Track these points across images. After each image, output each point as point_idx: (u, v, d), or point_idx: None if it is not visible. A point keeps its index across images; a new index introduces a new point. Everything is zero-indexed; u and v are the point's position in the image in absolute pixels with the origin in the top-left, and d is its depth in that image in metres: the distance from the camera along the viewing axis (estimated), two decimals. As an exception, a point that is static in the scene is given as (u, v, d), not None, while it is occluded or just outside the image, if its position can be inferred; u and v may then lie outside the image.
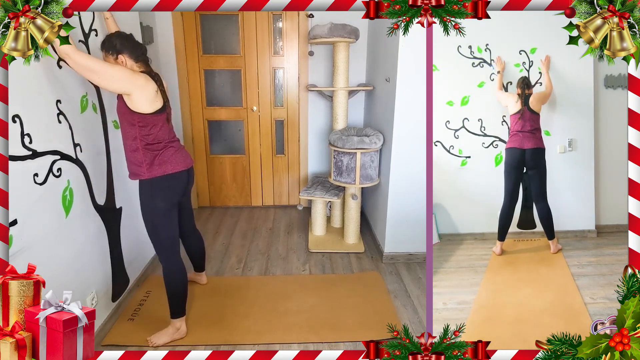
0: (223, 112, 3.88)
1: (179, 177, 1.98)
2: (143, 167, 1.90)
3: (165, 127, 1.92)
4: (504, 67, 2.60)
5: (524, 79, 2.52)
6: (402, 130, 2.69)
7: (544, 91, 2.55)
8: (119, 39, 1.83)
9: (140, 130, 1.85)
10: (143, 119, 1.83)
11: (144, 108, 1.81)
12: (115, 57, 1.82)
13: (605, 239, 2.72)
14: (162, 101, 1.88)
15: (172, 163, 1.94)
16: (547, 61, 2.57)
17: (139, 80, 1.78)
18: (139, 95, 1.78)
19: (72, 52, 1.62)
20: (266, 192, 4.13)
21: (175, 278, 2.05)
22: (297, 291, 2.56)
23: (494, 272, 2.41)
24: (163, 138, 1.91)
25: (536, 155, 2.48)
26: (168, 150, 1.93)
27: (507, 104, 2.55)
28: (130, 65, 1.83)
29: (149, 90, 1.80)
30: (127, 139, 1.90)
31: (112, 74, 1.72)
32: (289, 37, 3.66)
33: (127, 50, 1.82)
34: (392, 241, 2.94)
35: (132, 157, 1.91)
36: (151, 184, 1.93)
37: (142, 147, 1.87)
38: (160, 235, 2.01)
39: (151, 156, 1.89)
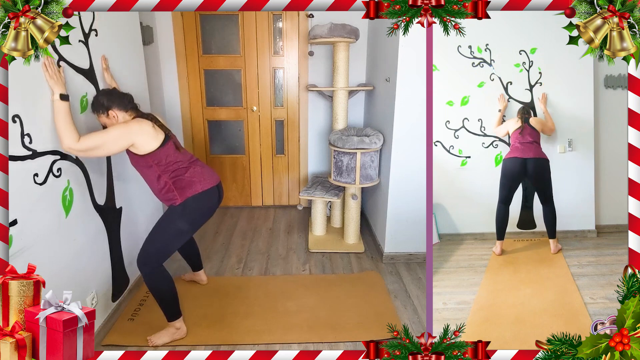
0: (223, 112, 3.88)
1: (211, 194, 2.02)
2: (175, 192, 1.96)
3: (179, 154, 1.98)
4: (506, 106, 2.63)
5: (523, 108, 2.56)
6: (402, 130, 2.69)
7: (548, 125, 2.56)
8: (104, 96, 1.90)
9: (159, 167, 1.93)
10: (156, 156, 1.90)
11: (151, 146, 1.88)
12: (106, 114, 1.89)
13: (605, 239, 2.72)
14: (164, 133, 1.94)
15: (201, 182, 2.00)
16: (544, 99, 2.58)
17: (133, 127, 1.85)
18: (140, 139, 1.85)
19: (73, 146, 1.70)
20: (266, 192, 4.13)
21: (159, 283, 2.00)
22: (297, 291, 2.56)
23: (493, 272, 2.41)
24: (182, 161, 1.98)
25: (538, 165, 2.45)
26: (193, 170, 2.00)
27: (508, 129, 2.56)
28: (122, 117, 1.91)
29: (146, 130, 1.87)
30: (153, 182, 1.98)
31: (110, 140, 1.80)
32: (289, 37, 3.66)
33: (114, 104, 1.89)
34: (392, 241, 2.94)
35: (163, 191, 1.98)
36: (183, 206, 1.96)
37: (169, 179, 1.96)
38: (159, 248, 1.99)
39: (179, 181, 1.96)
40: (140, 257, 1.98)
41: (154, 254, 1.98)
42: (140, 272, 2.00)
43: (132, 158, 1.95)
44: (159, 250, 1.99)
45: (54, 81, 1.67)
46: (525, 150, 2.46)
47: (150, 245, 1.98)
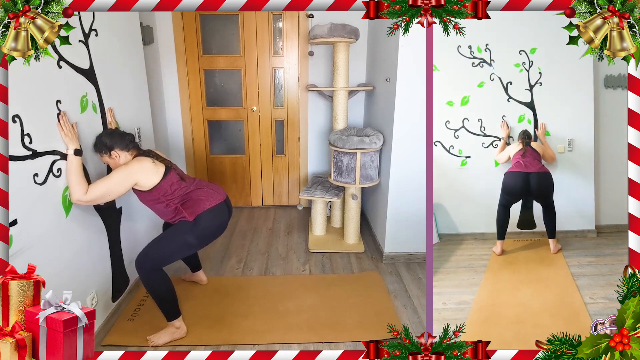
0: (223, 112, 3.88)
1: (220, 209, 2.07)
2: (184, 213, 2.01)
3: (183, 182, 2.04)
4: (508, 133, 2.64)
5: (524, 132, 2.58)
6: (402, 130, 2.69)
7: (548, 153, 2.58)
8: (107, 137, 1.99)
9: (167, 198, 2.00)
10: (160, 189, 1.97)
11: (153, 181, 1.96)
12: (108, 154, 1.98)
13: (605, 239, 2.72)
14: (164, 165, 2.02)
15: (209, 200, 2.05)
16: (543, 130, 2.59)
17: (134, 167, 1.93)
18: (142, 177, 1.94)
19: (82, 198, 1.80)
20: (266, 192, 4.13)
21: (157, 283, 1.99)
22: (297, 291, 2.56)
23: (493, 272, 2.41)
24: (188, 189, 2.05)
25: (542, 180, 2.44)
26: (199, 190, 2.06)
27: (510, 154, 2.57)
28: (124, 156, 1.99)
29: (146, 167, 1.95)
30: (163, 213, 2.06)
31: (114, 185, 1.89)
32: (289, 37, 3.66)
33: (116, 144, 1.98)
34: (392, 241, 2.94)
35: (175, 215, 2.04)
36: (195, 221, 2.00)
37: (178, 205, 2.02)
38: (162, 255, 2.00)
39: (187, 203, 2.02)
40: (140, 258, 1.98)
41: (155, 259, 1.98)
42: (138, 273, 1.99)
43: (139, 195, 2.03)
44: (161, 257, 2.00)
45: (69, 138, 1.79)
46: (528, 164, 2.46)
47: (154, 251, 1.99)
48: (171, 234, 2.01)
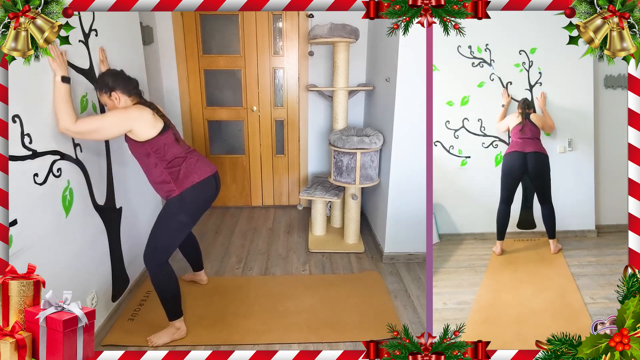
0: (223, 112, 3.88)
1: (208, 182, 2.02)
2: (172, 184, 1.96)
3: (177, 145, 1.98)
4: (509, 102, 2.61)
5: (524, 100, 2.55)
6: (402, 130, 2.69)
7: (548, 123, 2.56)
8: (110, 76, 1.90)
9: (157, 155, 1.92)
10: (154, 144, 1.89)
11: (149, 133, 1.87)
12: (109, 94, 1.89)
13: (605, 239, 2.72)
14: (163, 122, 1.94)
15: (198, 172, 1.99)
16: (543, 99, 2.57)
17: (133, 112, 1.84)
18: (139, 125, 1.84)
19: (70, 127, 1.70)
20: (266, 192, 4.13)
21: (164, 281, 2.01)
22: (297, 291, 2.56)
23: (494, 272, 2.41)
24: (180, 152, 1.97)
25: (538, 159, 2.45)
26: (189, 160, 1.99)
27: (509, 124, 2.56)
28: (125, 100, 1.90)
29: (145, 117, 1.86)
30: (150, 171, 1.98)
31: (107, 124, 1.80)
32: (289, 37, 3.66)
33: (119, 86, 1.88)
34: (392, 241, 2.94)
35: (160, 181, 1.97)
36: (181, 198, 1.96)
37: (165, 169, 1.94)
38: (164, 244, 2.00)
39: (176, 172, 1.95)
40: (146, 254, 2.00)
41: (159, 250, 1.99)
42: (147, 270, 2.01)
43: (130, 145, 1.94)
44: (164, 245, 2.00)
45: (57, 64, 1.68)
46: (525, 145, 2.46)
47: (154, 242, 2.00)
48: (164, 221, 1.99)
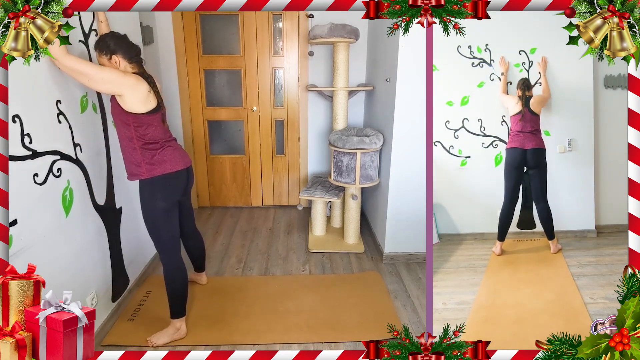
0: (223, 112, 3.88)
1: (179, 176, 1.99)
2: (142, 167, 1.90)
3: (161, 127, 1.92)
4: (507, 67, 2.59)
5: (524, 80, 2.52)
6: (402, 130, 2.69)
7: (542, 95, 2.55)
8: (113, 39, 1.81)
9: (136, 131, 1.84)
10: (137, 119, 1.82)
11: (137, 108, 1.80)
12: (109, 57, 1.81)
13: (605, 239, 2.72)
14: (156, 101, 1.87)
15: (171, 162, 1.94)
16: (544, 63, 2.56)
17: (130, 80, 1.77)
18: (131, 95, 1.77)
19: (61, 56, 1.61)
20: (266, 192, 4.13)
21: (176, 278, 2.05)
22: (297, 291, 2.56)
23: (493, 272, 2.41)
24: (160, 137, 1.91)
25: (537, 155, 2.48)
26: (166, 149, 1.94)
27: (508, 106, 2.55)
28: (124, 66, 1.83)
29: (140, 91, 1.79)
30: (123, 139, 1.90)
31: (101, 77, 1.72)
32: (289, 37, 3.66)
33: (120, 50, 1.81)
34: (392, 241, 2.94)
35: (130, 157, 1.91)
36: (152, 183, 1.93)
37: (140, 147, 1.88)
38: (162, 235, 2.01)
39: (149, 155, 1.89)
40: (156, 247, 2.06)
41: (159, 241, 2.03)
42: (162, 262, 2.07)
43: (113, 106, 1.85)
44: (163, 237, 2.01)
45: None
46: (525, 140, 2.47)
47: (154, 235, 2.02)
48: (148, 214, 1.98)
